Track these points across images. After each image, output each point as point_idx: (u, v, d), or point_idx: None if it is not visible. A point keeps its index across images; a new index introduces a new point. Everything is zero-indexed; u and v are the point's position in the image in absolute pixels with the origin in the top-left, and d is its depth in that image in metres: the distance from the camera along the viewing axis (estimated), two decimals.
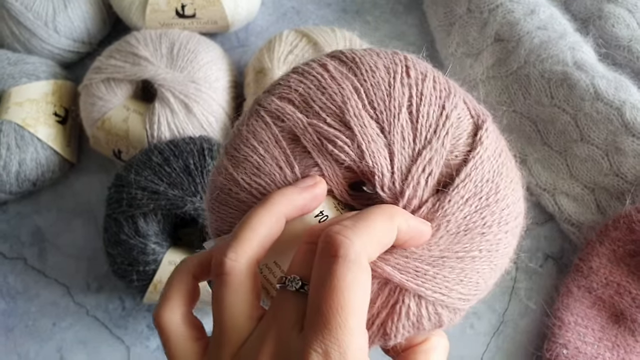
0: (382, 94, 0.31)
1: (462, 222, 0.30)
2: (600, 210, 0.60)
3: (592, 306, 0.58)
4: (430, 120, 0.31)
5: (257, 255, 0.29)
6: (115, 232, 0.57)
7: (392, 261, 0.29)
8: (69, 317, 0.64)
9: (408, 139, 0.30)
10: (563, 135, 0.61)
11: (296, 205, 0.30)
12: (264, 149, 0.31)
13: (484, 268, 0.30)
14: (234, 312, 0.28)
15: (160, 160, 0.58)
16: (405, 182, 0.30)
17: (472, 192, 0.30)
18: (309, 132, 0.31)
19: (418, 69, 0.32)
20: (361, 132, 0.30)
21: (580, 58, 0.60)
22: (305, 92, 0.32)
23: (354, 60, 0.32)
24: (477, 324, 0.61)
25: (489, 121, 0.32)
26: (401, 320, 0.29)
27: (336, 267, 0.26)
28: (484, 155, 0.31)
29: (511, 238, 0.32)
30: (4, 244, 0.66)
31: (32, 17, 0.66)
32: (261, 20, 0.73)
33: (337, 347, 0.25)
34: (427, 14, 0.69)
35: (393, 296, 0.29)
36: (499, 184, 0.31)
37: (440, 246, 0.30)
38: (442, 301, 0.30)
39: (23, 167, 0.63)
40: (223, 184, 0.32)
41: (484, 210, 0.30)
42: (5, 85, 0.65)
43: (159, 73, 0.61)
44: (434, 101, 0.31)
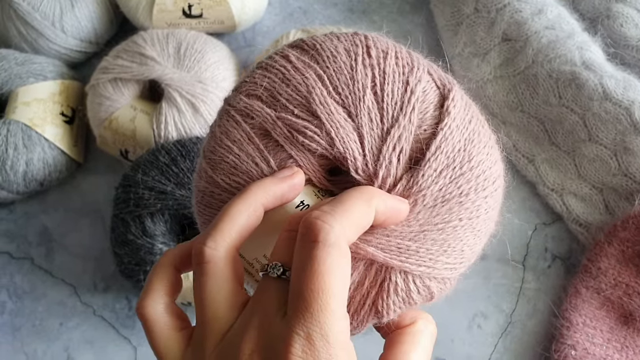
0: (346, 78, 0.31)
1: (438, 194, 0.30)
2: (608, 210, 0.60)
3: (601, 307, 0.57)
4: (396, 98, 0.31)
5: (236, 244, 0.29)
6: (123, 232, 0.57)
7: (374, 241, 0.29)
8: (76, 316, 0.64)
9: (375, 119, 0.31)
10: (571, 135, 0.61)
11: (274, 194, 0.30)
12: (238, 147, 0.32)
13: (467, 235, 0.31)
14: (215, 300, 0.29)
15: (168, 160, 0.58)
16: (377, 162, 0.31)
17: (444, 163, 0.30)
18: (278, 126, 0.31)
19: (379, 47, 0.32)
20: (328, 119, 0.31)
21: (589, 58, 0.60)
22: (270, 86, 0.32)
23: (314, 48, 0.32)
24: (484, 325, 0.60)
25: (455, 89, 0.32)
26: (390, 296, 0.30)
27: (316, 251, 0.26)
28: (452, 125, 0.31)
29: (492, 202, 0.32)
30: (11, 243, 0.66)
31: (39, 17, 0.66)
32: (268, 20, 0.73)
33: (319, 330, 0.26)
34: (434, 13, 0.69)
35: (380, 275, 0.30)
36: (471, 152, 0.31)
37: (419, 221, 0.30)
38: (428, 273, 0.30)
39: (30, 167, 0.63)
40: (205, 187, 0.33)
41: (458, 179, 0.30)
42: (12, 85, 0.65)
43: (166, 73, 0.61)
44: (397, 78, 0.31)
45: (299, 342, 0.26)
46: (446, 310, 0.61)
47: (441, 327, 0.60)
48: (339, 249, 0.27)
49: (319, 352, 0.26)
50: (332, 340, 0.26)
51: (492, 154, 0.32)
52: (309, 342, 0.26)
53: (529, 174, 0.63)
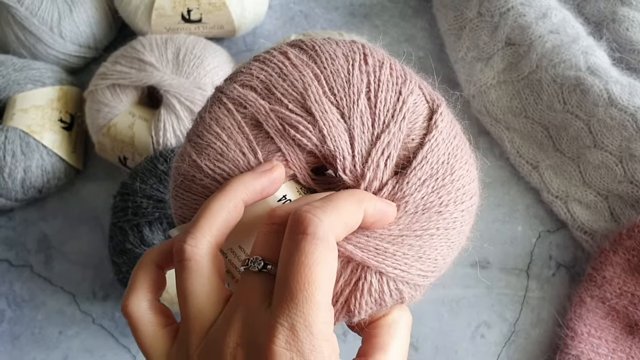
0: (342, 80, 0.32)
1: (420, 202, 0.31)
2: (614, 218, 0.59)
3: (606, 317, 0.56)
4: (388, 106, 0.32)
5: (217, 240, 0.30)
6: (121, 240, 0.57)
7: (354, 240, 0.30)
8: (75, 325, 0.63)
9: (367, 123, 0.32)
10: (576, 141, 0.60)
11: (254, 189, 0.31)
12: (227, 135, 0.32)
13: (442, 245, 0.32)
14: (198, 296, 0.29)
15: (166, 168, 0.57)
16: (365, 165, 0.31)
17: (428, 173, 0.32)
18: (271, 118, 0.32)
19: (375, 56, 0.33)
20: (322, 117, 0.31)
21: (594, 62, 0.59)
22: (267, 79, 0.32)
23: (313, 49, 0.33)
24: (487, 334, 0.60)
25: (443, 106, 0.34)
26: (364, 296, 0.30)
27: (304, 243, 0.27)
28: (439, 138, 0.32)
29: (467, 216, 0.33)
30: (10, 251, 0.66)
31: (37, 22, 0.66)
32: (268, 25, 0.72)
33: (303, 321, 0.26)
34: (436, 17, 0.68)
35: (356, 274, 0.30)
36: (454, 165, 0.32)
37: (399, 225, 0.31)
38: (402, 277, 0.31)
39: (28, 174, 0.63)
40: (187, 170, 0.33)
41: (440, 190, 0.32)
42: (10, 91, 0.65)
43: (165, 79, 0.61)
44: (391, 87, 0.32)
45: (282, 333, 0.26)
46: (449, 320, 0.60)
47: (444, 336, 0.59)
48: (327, 243, 0.27)
49: (302, 343, 0.26)
50: (315, 331, 0.26)
51: (472, 171, 0.34)
52: (292, 332, 0.26)
53: (533, 180, 0.62)
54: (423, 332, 0.60)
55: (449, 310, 0.60)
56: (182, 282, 0.29)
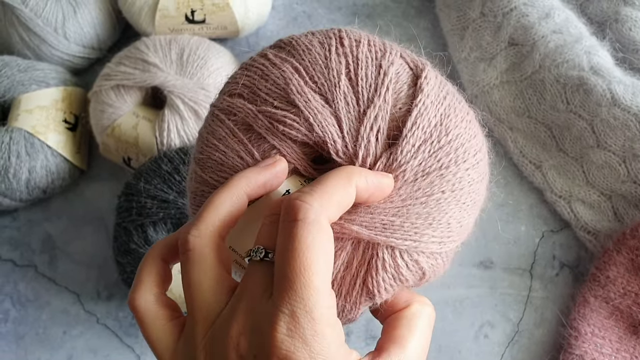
0: (320, 67, 0.32)
1: (418, 168, 0.31)
2: (617, 217, 0.59)
3: (610, 316, 0.56)
4: (370, 81, 0.32)
5: (220, 231, 0.30)
6: (125, 241, 0.57)
7: (358, 220, 0.30)
8: (80, 325, 0.63)
9: (352, 102, 0.32)
10: (579, 141, 0.60)
11: (257, 183, 0.31)
12: (223, 144, 0.33)
13: (452, 208, 0.31)
14: (202, 286, 0.29)
15: (170, 168, 0.57)
16: (356, 143, 0.32)
17: (421, 138, 0.31)
18: (259, 119, 0.32)
19: (352, 37, 0.33)
20: (306, 106, 0.32)
21: (597, 62, 0.59)
22: (251, 83, 0.33)
23: (290, 44, 0.34)
24: (491, 334, 0.60)
25: (428, 68, 0.33)
26: (379, 273, 0.30)
27: (296, 230, 0.27)
28: (426, 101, 0.32)
29: (474, 174, 0.32)
30: (15, 251, 0.66)
31: (42, 23, 0.66)
32: (272, 25, 0.72)
33: (303, 306, 0.26)
34: (439, 17, 0.68)
35: (368, 253, 0.30)
36: (448, 125, 0.32)
37: (401, 196, 0.31)
38: (415, 247, 0.31)
39: (33, 174, 0.63)
40: (195, 187, 0.34)
41: (437, 152, 0.31)
42: (15, 92, 0.65)
43: (169, 80, 0.61)
44: (370, 62, 0.32)
45: (283, 320, 0.26)
46: (453, 320, 0.60)
47: (448, 336, 0.59)
48: (319, 226, 0.27)
49: (304, 328, 0.26)
50: (316, 316, 0.26)
51: (471, 128, 0.33)
52: (293, 319, 0.26)
53: (536, 180, 0.62)
54: None
55: (453, 310, 0.60)
56: (186, 274, 0.29)
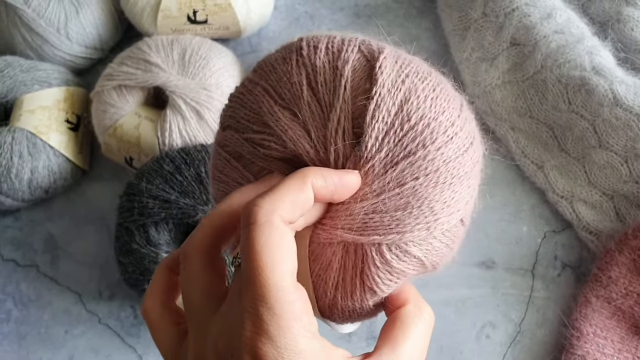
0: (285, 82, 0.33)
1: (385, 160, 0.31)
2: (619, 218, 0.59)
3: (612, 317, 0.56)
4: (328, 85, 0.32)
5: (213, 240, 0.31)
6: (127, 241, 0.57)
7: (340, 223, 0.31)
8: (81, 325, 0.63)
9: (316, 110, 0.32)
10: (581, 141, 0.60)
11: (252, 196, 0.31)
12: (225, 175, 0.34)
13: (431, 191, 0.31)
14: (192, 294, 0.30)
15: (172, 168, 0.57)
16: (326, 148, 0.32)
17: (383, 130, 0.31)
18: (245, 146, 0.33)
19: (310, 44, 0.33)
20: (277, 124, 0.32)
21: (599, 63, 0.59)
22: (235, 113, 0.34)
23: (260, 66, 0.35)
24: (493, 334, 0.59)
25: (383, 56, 0.32)
26: (372, 271, 0.31)
27: (250, 232, 0.28)
28: (382, 91, 0.31)
29: (449, 151, 0.31)
30: (17, 251, 0.66)
31: (44, 23, 0.66)
32: (274, 25, 0.72)
33: (264, 304, 0.27)
34: (441, 17, 0.68)
35: (359, 253, 0.31)
36: (409, 110, 0.31)
37: (375, 191, 0.31)
38: (400, 239, 0.31)
39: (35, 174, 0.63)
40: None
41: (402, 140, 0.31)
42: (17, 92, 0.65)
43: (171, 80, 0.61)
44: (326, 66, 0.32)
45: (250, 319, 0.27)
46: (454, 320, 0.60)
47: (449, 337, 0.59)
48: (271, 226, 0.28)
49: (268, 325, 0.27)
50: (279, 311, 0.27)
51: (437, 104, 0.32)
52: (257, 317, 0.27)
53: (538, 180, 0.62)
54: None
55: (454, 310, 0.60)
56: (181, 280, 0.31)
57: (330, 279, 0.32)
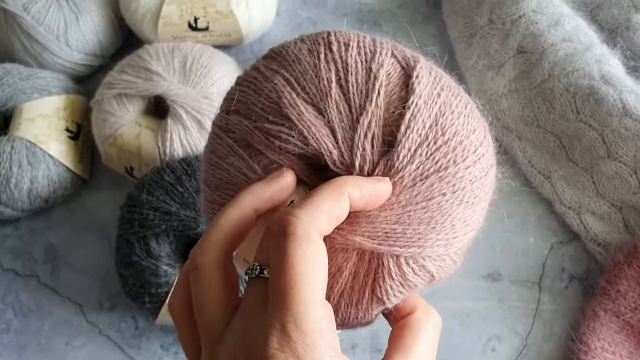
0: (311, 76, 0.32)
1: (416, 172, 0.31)
2: (628, 229, 0.58)
3: (620, 331, 0.55)
4: (361, 87, 0.31)
5: (226, 249, 0.30)
6: (127, 253, 0.56)
7: (360, 230, 0.30)
8: (82, 336, 0.63)
9: (344, 111, 0.31)
10: (589, 151, 0.59)
11: (263, 197, 0.31)
12: (226, 162, 0.33)
13: (455, 209, 0.31)
14: (206, 304, 0.30)
15: (173, 179, 0.56)
16: (352, 152, 0.31)
17: (417, 142, 0.31)
18: (256, 135, 0.32)
19: (340, 40, 0.33)
20: (299, 119, 0.31)
21: (608, 71, 0.57)
22: (245, 99, 0.33)
23: (280, 54, 0.33)
24: (499, 347, 0.59)
25: (420, 65, 0.32)
26: (386, 281, 0.30)
27: (286, 244, 0.27)
28: (419, 102, 0.31)
29: (476, 170, 0.32)
30: (17, 260, 0.66)
31: (44, 30, 0.65)
32: (276, 32, 0.71)
33: (293, 320, 0.26)
34: (446, 24, 0.67)
35: (373, 262, 0.30)
36: (444, 125, 0.31)
37: (401, 202, 0.30)
38: (420, 253, 0.30)
39: (35, 184, 0.62)
40: (206, 205, 0.34)
41: (434, 154, 0.31)
42: (17, 100, 0.64)
43: (172, 89, 0.60)
44: (359, 67, 0.32)
45: (275, 335, 0.26)
46: (460, 333, 0.59)
47: (455, 350, 0.58)
48: (309, 240, 0.27)
49: (295, 342, 0.26)
50: (307, 329, 0.26)
51: (469, 122, 0.32)
52: (284, 333, 0.26)
53: (545, 191, 0.61)
54: None
55: (460, 323, 0.59)
56: (192, 290, 0.30)
57: (336, 285, 0.31)
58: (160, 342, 0.62)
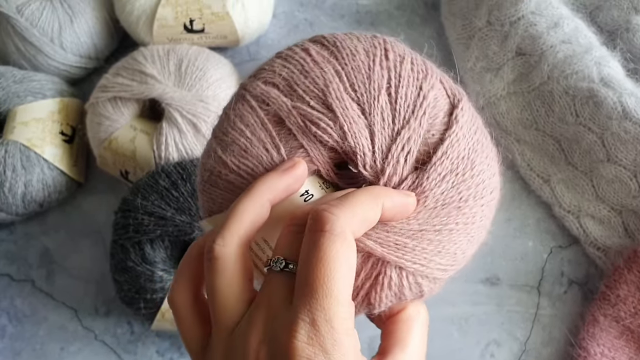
0: (363, 76, 0.32)
1: (439, 197, 0.32)
2: (628, 234, 0.58)
3: (620, 336, 0.55)
4: (409, 101, 0.32)
5: (245, 240, 0.30)
6: (122, 258, 0.55)
7: (374, 236, 0.31)
8: (77, 341, 0.62)
9: (387, 119, 0.32)
10: (588, 155, 0.58)
11: (278, 189, 0.31)
12: (250, 132, 0.33)
13: (461, 240, 0.32)
14: (224, 295, 0.30)
15: (168, 184, 0.56)
16: (385, 160, 0.32)
17: (448, 168, 0.32)
18: (293, 115, 0.32)
19: (396, 51, 0.33)
20: (343, 114, 0.32)
21: (607, 74, 0.57)
22: (289, 76, 0.33)
23: (335, 44, 0.33)
24: (497, 353, 0.58)
25: (465, 100, 0.34)
26: (384, 290, 0.31)
27: (322, 240, 0.27)
28: (459, 133, 0.32)
29: (487, 210, 0.33)
30: (12, 265, 0.65)
31: (38, 33, 0.65)
32: (272, 33, 0.70)
33: (324, 315, 0.26)
34: (445, 26, 0.67)
35: (376, 268, 0.31)
36: (474, 160, 0.32)
37: (419, 220, 0.31)
38: (422, 271, 0.31)
39: (29, 188, 0.62)
40: (213, 166, 0.34)
41: (460, 185, 0.32)
42: (10, 104, 0.64)
43: (167, 92, 0.59)
44: (411, 82, 0.32)
45: (304, 328, 0.26)
46: (458, 338, 0.59)
47: (453, 355, 0.58)
48: (345, 239, 0.28)
49: (324, 337, 0.26)
50: (336, 325, 0.27)
51: (492, 166, 0.34)
52: (314, 327, 0.26)
53: (544, 194, 0.61)
54: (431, 351, 0.58)
55: (458, 328, 0.59)
56: (209, 281, 0.30)
57: None
58: (156, 347, 0.61)
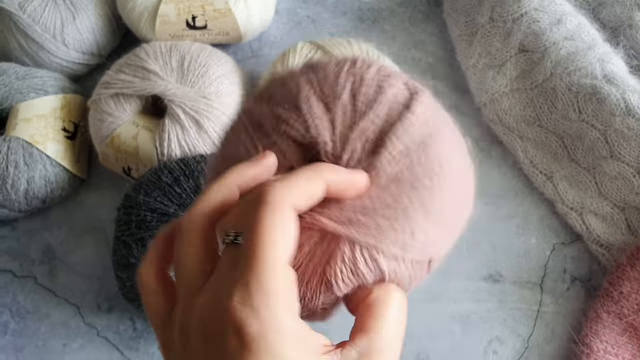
0: (330, 81, 0.36)
1: (392, 175, 0.33)
2: (631, 230, 0.57)
3: (623, 333, 0.55)
4: (369, 97, 0.35)
5: (209, 217, 0.32)
6: (125, 255, 0.55)
7: (327, 213, 0.32)
8: (80, 338, 0.62)
9: (349, 113, 0.35)
10: (591, 151, 0.58)
11: (247, 175, 0.33)
12: (236, 138, 0.36)
13: (419, 219, 0.33)
14: (185, 265, 0.32)
15: (170, 180, 0.56)
16: (344, 148, 0.34)
17: (401, 151, 0.34)
18: (269, 118, 0.36)
19: (365, 62, 0.37)
20: (308, 111, 0.35)
21: (610, 70, 0.57)
22: (271, 90, 0.37)
23: (314, 64, 0.38)
24: (500, 350, 0.58)
25: (425, 95, 0.36)
26: (337, 264, 0.32)
27: (259, 210, 0.29)
28: (412, 118, 0.34)
29: (448, 193, 0.34)
30: (14, 261, 0.65)
31: (40, 29, 0.64)
32: (275, 30, 0.70)
33: (256, 281, 0.28)
34: (447, 22, 0.66)
35: (332, 245, 0.32)
36: (430, 145, 0.34)
37: (372, 198, 0.33)
38: (375, 246, 0.32)
39: (32, 185, 0.62)
40: (211, 175, 0.37)
41: (414, 167, 0.33)
42: (13, 100, 0.64)
43: (169, 88, 0.59)
44: (372, 82, 0.35)
45: (239, 290, 0.28)
46: (460, 335, 0.59)
47: (455, 352, 0.58)
48: (280, 208, 0.29)
49: (254, 299, 0.28)
50: (268, 290, 0.28)
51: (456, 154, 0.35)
52: (246, 290, 0.28)
53: (547, 191, 0.61)
54: (433, 348, 0.58)
55: (460, 325, 0.59)
56: (176, 252, 0.32)
57: (294, 259, 0.33)
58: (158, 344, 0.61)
